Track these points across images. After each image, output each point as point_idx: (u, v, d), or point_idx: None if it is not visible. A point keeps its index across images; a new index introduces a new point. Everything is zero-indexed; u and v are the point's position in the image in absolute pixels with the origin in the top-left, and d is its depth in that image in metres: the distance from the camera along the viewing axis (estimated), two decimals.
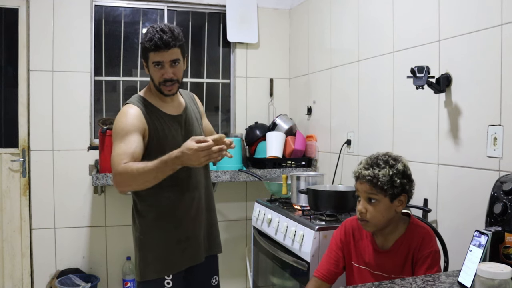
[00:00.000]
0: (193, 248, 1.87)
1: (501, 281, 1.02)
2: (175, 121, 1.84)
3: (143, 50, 1.76)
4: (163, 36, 1.69)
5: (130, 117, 1.73)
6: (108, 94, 3.35)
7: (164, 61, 1.73)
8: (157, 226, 1.82)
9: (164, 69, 1.74)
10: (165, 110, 1.84)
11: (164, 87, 1.77)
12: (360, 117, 2.62)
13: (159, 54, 1.71)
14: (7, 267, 3.07)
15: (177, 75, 1.78)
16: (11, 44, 3.09)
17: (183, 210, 1.85)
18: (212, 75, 3.60)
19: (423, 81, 1.82)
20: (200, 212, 1.91)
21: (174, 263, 1.82)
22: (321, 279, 1.66)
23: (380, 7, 2.40)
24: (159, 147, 1.76)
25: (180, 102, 1.93)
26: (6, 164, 3.07)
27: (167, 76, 1.75)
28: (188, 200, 1.86)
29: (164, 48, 1.70)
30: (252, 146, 3.42)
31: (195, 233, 1.88)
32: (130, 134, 1.69)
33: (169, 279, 1.81)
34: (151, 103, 1.82)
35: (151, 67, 1.76)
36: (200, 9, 3.50)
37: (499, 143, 1.66)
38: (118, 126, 1.73)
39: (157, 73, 1.75)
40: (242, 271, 3.52)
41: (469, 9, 1.80)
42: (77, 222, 3.18)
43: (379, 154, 1.57)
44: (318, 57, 3.17)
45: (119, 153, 1.65)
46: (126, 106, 1.79)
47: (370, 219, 1.52)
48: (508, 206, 1.35)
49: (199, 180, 1.91)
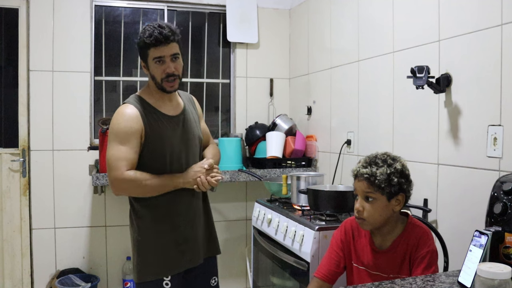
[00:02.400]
0: (192, 250, 1.87)
1: (501, 281, 1.02)
2: (173, 121, 1.84)
3: (142, 48, 1.76)
4: (162, 31, 1.71)
5: (127, 118, 1.74)
6: (108, 94, 3.35)
7: (165, 55, 1.74)
8: (155, 227, 1.82)
9: (166, 64, 1.75)
10: (163, 110, 1.83)
11: (167, 83, 1.78)
12: (360, 117, 2.62)
13: (159, 49, 1.73)
14: (7, 267, 3.07)
15: (178, 70, 1.80)
16: (11, 44, 3.09)
17: (181, 212, 1.85)
18: (212, 75, 3.60)
19: (423, 81, 1.82)
20: (198, 215, 1.91)
21: (173, 265, 1.82)
22: (322, 279, 1.66)
23: (380, 7, 2.40)
24: (155, 147, 1.77)
25: (179, 103, 1.92)
26: (6, 164, 3.07)
27: (169, 70, 1.76)
28: (186, 202, 1.86)
29: (164, 42, 1.72)
30: (252, 146, 3.42)
31: (193, 235, 1.88)
32: (129, 138, 1.72)
33: (168, 280, 1.81)
34: (149, 103, 1.82)
35: (151, 64, 1.77)
36: (200, 9, 3.50)
37: (499, 143, 1.66)
38: (116, 127, 1.74)
39: (158, 70, 1.76)
40: (242, 271, 3.52)
41: (469, 9, 1.80)
42: (77, 222, 3.18)
43: (378, 153, 1.58)
44: (318, 57, 3.17)
45: (120, 158, 1.70)
46: (124, 106, 1.79)
47: (367, 217, 1.52)
48: (508, 206, 1.35)
49: None
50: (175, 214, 1.84)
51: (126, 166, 1.70)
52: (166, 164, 1.80)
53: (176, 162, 1.82)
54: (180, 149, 1.84)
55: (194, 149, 1.91)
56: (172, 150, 1.81)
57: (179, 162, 1.83)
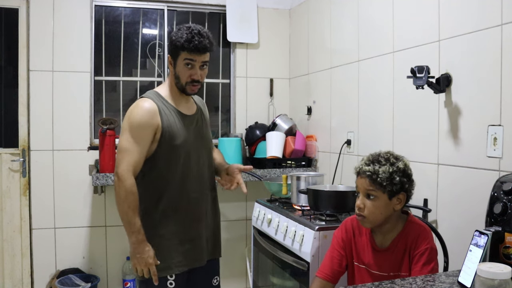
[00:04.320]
0: (196, 250, 1.87)
1: (501, 281, 1.02)
2: (188, 120, 1.88)
3: (176, 47, 1.78)
4: (202, 40, 1.75)
5: (145, 112, 1.77)
6: (108, 94, 3.35)
7: (196, 60, 1.77)
8: (161, 225, 1.82)
9: (194, 70, 1.79)
10: (180, 109, 1.88)
11: (190, 86, 1.82)
12: (360, 117, 2.62)
13: (193, 55, 1.76)
14: (7, 267, 3.07)
15: (203, 77, 1.85)
16: (11, 44, 3.09)
17: (188, 211, 1.86)
18: (212, 75, 3.60)
19: (423, 81, 1.82)
20: (206, 214, 1.92)
21: (177, 264, 1.82)
22: (326, 279, 1.65)
23: (380, 7, 2.40)
24: (170, 143, 1.80)
25: (193, 104, 1.97)
26: (6, 164, 3.07)
27: (196, 77, 1.80)
28: (194, 201, 1.87)
29: (202, 52, 1.76)
30: (252, 146, 3.42)
31: (199, 234, 1.88)
32: (142, 133, 1.75)
33: (172, 280, 1.81)
34: (166, 100, 1.85)
35: (180, 65, 1.79)
36: (200, 9, 3.50)
37: (499, 143, 1.66)
38: (132, 119, 1.77)
39: (186, 72, 1.80)
40: (242, 271, 3.52)
41: (469, 9, 1.80)
42: (77, 222, 3.18)
43: (381, 152, 1.58)
44: (318, 57, 3.17)
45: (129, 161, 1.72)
46: (142, 99, 1.82)
47: (368, 215, 1.52)
48: (508, 206, 1.35)
49: (206, 181, 1.93)
50: (182, 213, 1.84)
51: (133, 164, 1.73)
52: (179, 158, 1.82)
53: (187, 158, 1.84)
54: (193, 147, 1.87)
55: (207, 149, 1.96)
56: (185, 146, 1.84)
57: (190, 160, 1.86)
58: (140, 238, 1.74)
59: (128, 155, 1.73)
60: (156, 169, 1.82)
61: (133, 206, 1.73)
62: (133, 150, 1.74)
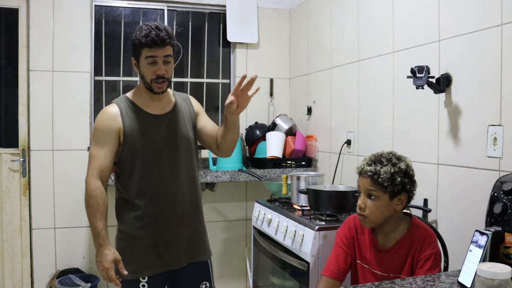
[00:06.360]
0: (171, 252, 1.85)
1: (501, 281, 1.02)
2: (157, 121, 1.86)
3: (136, 47, 1.77)
4: (159, 33, 1.73)
5: (106, 116, 1.82)
6: (108, 94, 3.35)
7: (158, 56, 1.75)
8: (135, 228, 1.83)
9: (157, 66, 1.77)
10: (149, 109, 1.86)
11: (156, 84, 1.80)
12: (360, 117, 2.62)
13: (153, 50, 1.75)
14: (7, 267, 3.07)
15: (169, 73, 1.82)
16: (11, 44, 3.09)
17: (162, 214, 1.84)
18: (212, 75, 3.60)
19: (423, 81, 1.82)
20: (183, 216, 1.88)
21: (150, 266, 1.82)
22: (333, 278, 1.64)
23: (380, 7, 2.40)
24: (133, 145, 1.81)
25: (169, 102, 1.93)
26: (6, 164, 3.07)
27: (160, 72, 1.77)
28: (168, 204, 1.85)
29: (160, 45, 1.74)
30: (252, 146, 3.42)
31: (175, 237, 1.86)
32: (105, 137, 1.79)
33: (144, 282, 1.81)
34: (134, 102, 1.85)
35: (143, 64, 1.78)
36: (200, 9, 3.50)
37: (499, 143, 1.66)
38: (96, 125, 1.85)
39: (149, 70, 1.78)
40: (242, 271, 3.52)
41: (469, 9, 1.80)
42: (77, 222, 3.18)
43: (384, 152, 1.58)
44: (318, 57, 3.17)
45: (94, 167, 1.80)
46: (109, 105, 1.87)
47: (368, 215, 1.53)
48: (508, 206, 1.35)
49: (182, 181, 1.88)
50: (156, 216, 1.83)
51: (98, 168, 1.79)
52: (145, 160, 1.82)
53: (156, 159, 1.83)
54: (165, 147, 1.84)
55: (184, 147, 1.89)
56: (152, 148, 1.82)
57: (160, 160, 1.83)
58: (100, 242, 1.77)
59: (93, 160, 1.79)
60: (126, 171, 1.84)
61: (95, 209, 1.77)
62: (98, 156, 1.78)
